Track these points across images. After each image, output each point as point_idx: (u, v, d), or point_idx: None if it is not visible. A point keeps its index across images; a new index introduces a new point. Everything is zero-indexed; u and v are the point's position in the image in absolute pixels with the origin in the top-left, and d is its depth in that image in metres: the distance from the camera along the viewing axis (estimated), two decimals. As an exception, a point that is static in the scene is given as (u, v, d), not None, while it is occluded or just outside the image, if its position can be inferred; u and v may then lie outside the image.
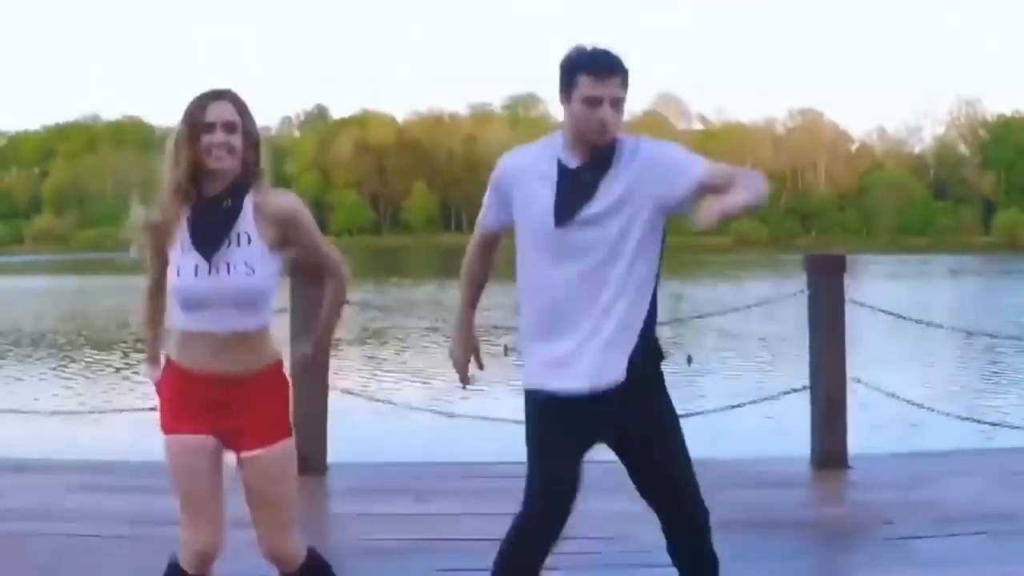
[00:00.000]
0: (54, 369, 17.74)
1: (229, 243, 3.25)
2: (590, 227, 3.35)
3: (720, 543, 4.86)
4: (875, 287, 32.96)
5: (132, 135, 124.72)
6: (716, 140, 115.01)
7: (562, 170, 3.39)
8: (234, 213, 3.27)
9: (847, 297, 6.57)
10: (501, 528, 3.40)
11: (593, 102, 3.31)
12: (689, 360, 16.58)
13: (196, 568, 3.36)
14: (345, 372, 14.93)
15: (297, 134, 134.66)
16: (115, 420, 11.40)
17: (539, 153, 3.49)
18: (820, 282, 6.52)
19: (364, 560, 4.71)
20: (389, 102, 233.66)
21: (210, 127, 3.20)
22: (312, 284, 5.21)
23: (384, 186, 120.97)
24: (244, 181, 3.29)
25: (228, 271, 3.24)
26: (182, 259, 3.26)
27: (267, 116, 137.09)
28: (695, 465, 3.44)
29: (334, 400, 6.57)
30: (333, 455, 6.43)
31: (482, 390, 13.12)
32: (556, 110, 3.51)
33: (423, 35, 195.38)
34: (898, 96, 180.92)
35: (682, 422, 3.48)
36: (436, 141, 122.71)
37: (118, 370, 17.59)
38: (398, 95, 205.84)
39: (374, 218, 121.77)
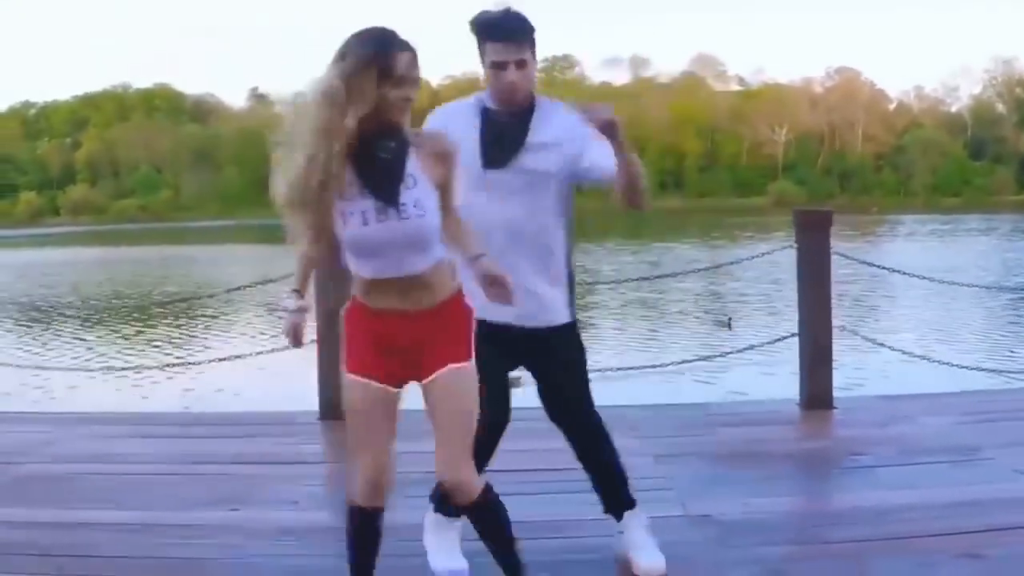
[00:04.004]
0: (107, 332, 18.47)
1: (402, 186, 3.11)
2: (513, 171, 3.67)
3: (702, 470, 5.42)
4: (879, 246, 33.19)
5: (163, 103, 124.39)
6: (754, 101, 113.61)
7: (487, 117, 3.74)
8: (401, 156, 3.13)
9: (832, 251, 6.67)
10: (507, 461, 3.94)
11: (499, 66, 3.65)
12: (729, 323, 16.83)
13: (368, 499, 3.31)
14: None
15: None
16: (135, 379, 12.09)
17: (467, 105, 3.85)
18: (807, 236, 6.68)
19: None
20: (425, 65, 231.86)
21: (399, 81, 3.08)
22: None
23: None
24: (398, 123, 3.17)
25: (399, 215, 3.07)
26: (347, 208, 3.08)
27: (298, 81, 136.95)
28: (687, 407, 3.85)
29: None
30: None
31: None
32: (593, 72, 3.80)
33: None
34: (936, 54, 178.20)
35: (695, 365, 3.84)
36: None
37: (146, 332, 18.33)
38: (434, 58, 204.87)
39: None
